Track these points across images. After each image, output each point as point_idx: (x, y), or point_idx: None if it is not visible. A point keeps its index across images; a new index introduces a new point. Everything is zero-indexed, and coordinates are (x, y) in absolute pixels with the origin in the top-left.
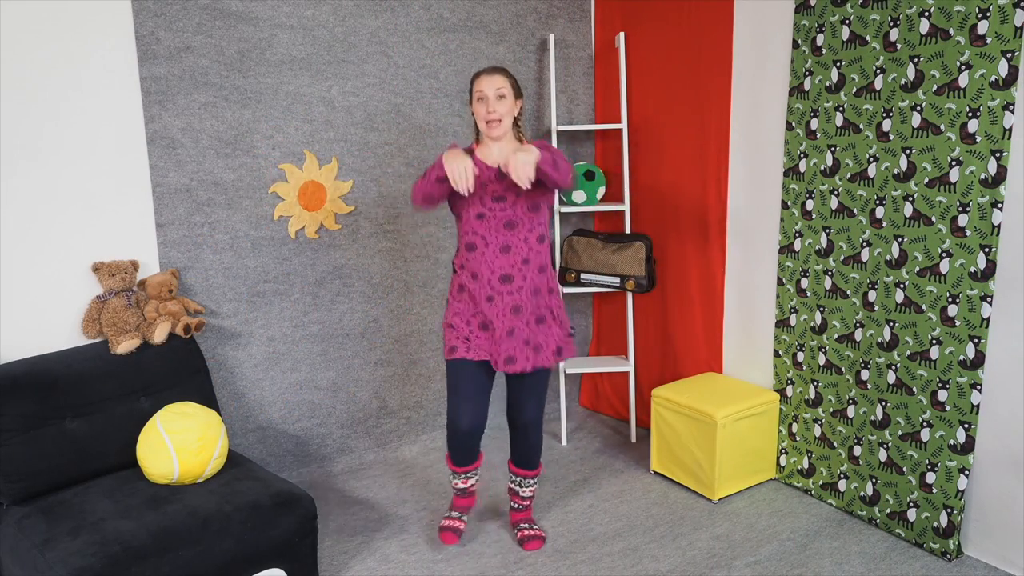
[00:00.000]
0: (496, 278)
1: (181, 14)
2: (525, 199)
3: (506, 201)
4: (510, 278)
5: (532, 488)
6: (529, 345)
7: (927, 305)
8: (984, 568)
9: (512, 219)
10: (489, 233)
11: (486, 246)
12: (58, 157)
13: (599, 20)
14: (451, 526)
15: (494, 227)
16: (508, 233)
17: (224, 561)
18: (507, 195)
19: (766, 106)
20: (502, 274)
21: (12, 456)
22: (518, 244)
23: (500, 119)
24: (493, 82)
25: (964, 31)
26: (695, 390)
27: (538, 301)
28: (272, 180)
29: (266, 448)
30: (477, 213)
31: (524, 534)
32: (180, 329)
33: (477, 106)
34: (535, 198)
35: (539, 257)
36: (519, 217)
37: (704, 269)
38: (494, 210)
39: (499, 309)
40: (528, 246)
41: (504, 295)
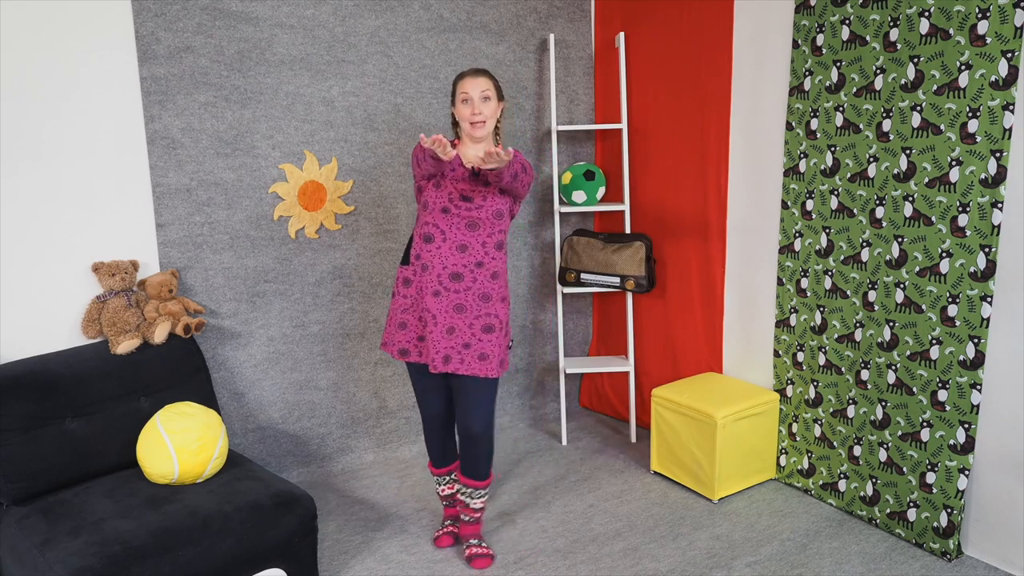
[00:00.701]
0: (447, 274)
1: (181, 14)
2: (491, 203)
3: (472, 202)
4: (460, 277)
5: (482, 500)
6: (470, 350)
7: (927, 305)
8: (984, 568)
9: (475, 220)
10: (449, 229)
11: (443, 241)
12: (58, 157)
13: (599, 20)
14: (445, 531)
15: (455, 224)
16: (468, 233)
17: (224, 561)
18: (474, 196)
19: (766, 106)
20: (453, 272)
21: (12, 456)
22: (475, 246)
23: (484, 120)
24: (478, 84)
25: (964, 31)
26: (695, 390)
27: (486, 308)
28: (272, 180)
29: (266, 448)
30: (442, 207)
31: (472, 552)
32: (180, 329)
33: (461, 107)
34: (500, 205)
35: (494, 264)
36: (482, 219)
37: (704, 269)
38: (460, 208)
39: (443, 305)
40: (485, 250)
41: (451, 292)
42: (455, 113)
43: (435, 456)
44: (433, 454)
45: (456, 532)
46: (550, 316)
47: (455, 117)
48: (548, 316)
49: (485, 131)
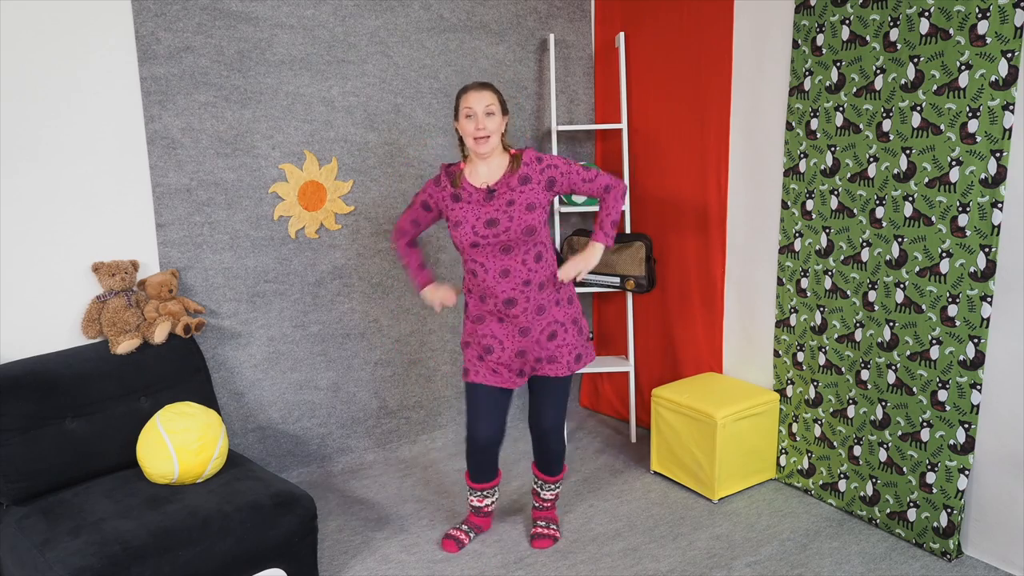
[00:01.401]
0: (501, 302)
1: (181, 14)
2: (517, 223)
3: (499, 226)
4: (513, 301)
5: (553, 492)
6: (541, 362)
7: (927, 305)
8: (984, 568)
9: (507, 243)
10: (487, 259)
11: (486, 272)
12: (58, 157)
13: (599, 20)
14: (455, 536)
15: (490, 253)
16: (505, 258)
17: (224, 561)
18: (499, 218)
19: (766, 106)
20: (506, 298)
21: (12, 456)
22: (516, 267)
23: (489, 136)
24: (482, 99)
25: (964, 31)
26: (695, 390)
27: (545, 319)
28: (272, 180)
29: (266, 448)
30: (471, 242)
31: (537, 531)
32: (180, 329)
33: (465, 123)
34: (529, 220)
35: (539, 276)
36: (513, 241)
37: (704, 269)
38: (487, 237)
39: (509, 330)
40: (527, 268)
41: (511, 318)
42: (458, 128)
43: (477, 474)
44: (475, 473)
45: (466, 543)
46: None
47: (459, 132)
48: None
49: (489, 147)
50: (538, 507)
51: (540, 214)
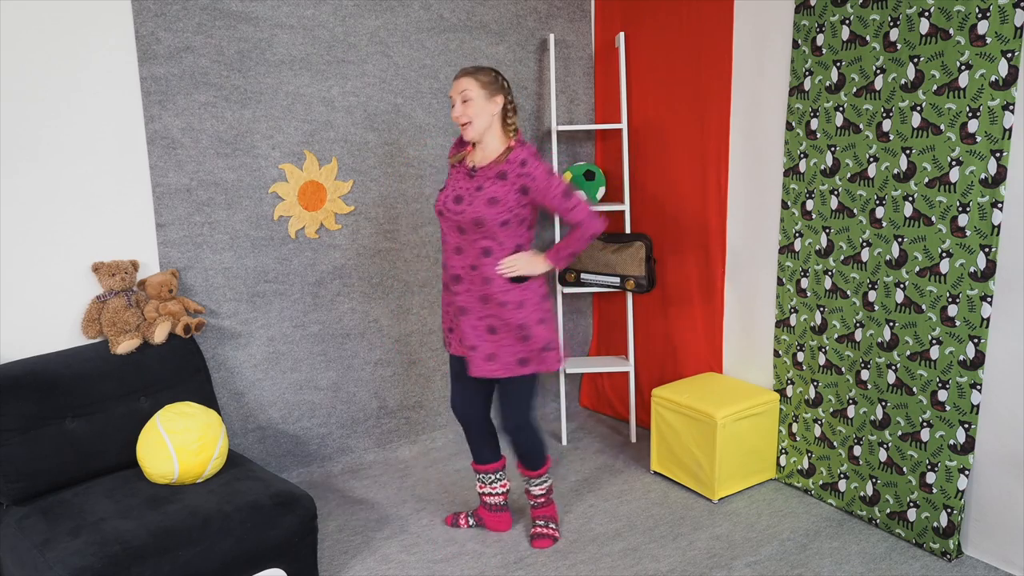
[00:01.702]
0: (450, 275)
1: (181, 14)
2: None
3: (460, 204)
4: (459, 279)
5: (541, 486)
6: (477, 352)
7: (927, 305)
8: (984, 568)
9: (460, 224)
10: (447, 232)
11: (446, 244)
12: (58, 157)
13: (599, 20)
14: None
15: (449, 228)
16: (459, 236)
17: (224, 561)
18: (464, 197)
19: (766, 106)
20: (454, 274)
21: (12, 456)
22: (468, 248)
23: (469, 122)
24: (458, 85)
25: (964, 31)
26: (695, 390)
27: (487, 310)
28: (272, 180)
29: (266, 448)
30: (438, 209)
31: (536, 531)
32: (180, 329)
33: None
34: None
35: (486, 269)
36: (465, 225)
37: (704, 269)
38: (451, 211)
39: (454, 307)
40: (475, 252)
41: (458, 294)
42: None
43: (474, 452)
44: (473, 450)
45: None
46: None
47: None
48: None
49: (474, 131)
50: (533, 504)
51: (501, 212)
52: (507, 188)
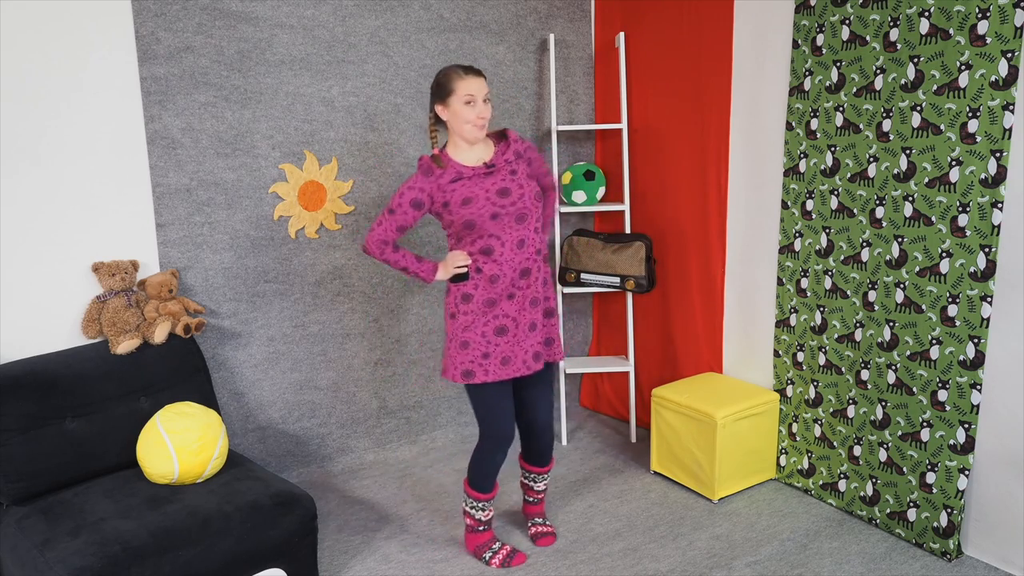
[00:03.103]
0: (516, 274)
1: (181, 14)
2: (528, 188)
3: (511, 195)
4: (528, 272)
5: (546, 482)
6: (543, 342)
7: (927, 305)
8: (984, 568)
9: (522, 211)
10: (503, 231)
11: (503, 246)
12: (58, 157)
13: (599, 20)
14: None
15: (507, 224)
16: (520, 227)
17: (224, 561)
18: (510, 187)
19: (766, 106)
20: (522, 268)
21: (12, 456)
22: (530, 236)
23: (486, 123)
24: (483, 86)
25: (964, 31)
26: (695, 390)
27: (547, 291)
28: (272, 180)
29: (266, 448)
30: (492, 213)
31: (538, 530)
32: (180, 329)
33: (465, 109)
34: (535, 187)
35: (542, 246)
36: (528, 208)
37: (704, 269)
38: (504, 206)
39: (520, 304)
40: (538, 236)
41: (524, 289)
42: (444, 112)
43: (490, 481)
44: (490, 479)
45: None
46: None
47: (439, 115)
48: None
49: (484, 131)
50: (532, 501)
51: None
52: (525, 163)
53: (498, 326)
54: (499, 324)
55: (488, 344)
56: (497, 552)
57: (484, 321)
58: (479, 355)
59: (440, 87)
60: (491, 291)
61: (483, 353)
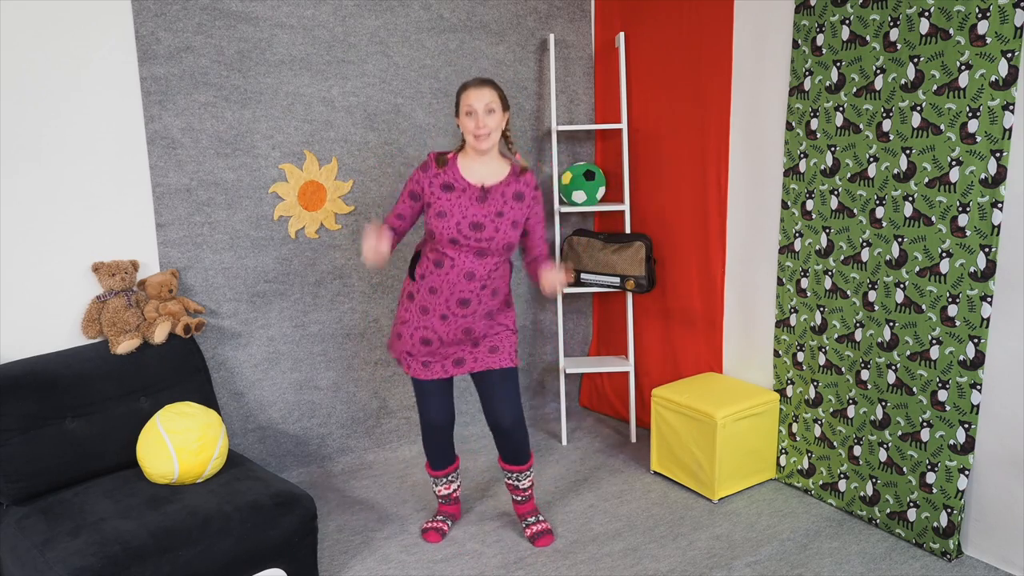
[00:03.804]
0: (455, 300)
1: (181, 14)
2: (503, 237)
3: (483, 232)
4: (467, 302)
5: (530, 479)
6: (479, 348)
7: (927, 305)
8: (984, 568)
9: (484, 250)
10: (458, 256)
11: (451, 267)
12: (58, 157)
13: (599, 20)
14: (435, 527)
15: (464, 252)
16: (477, 260)
17: (224, 561)
18: (486, 224)
19: (766, 106)
20: (461, 298)
21: (12, 456)
22: (481, 273)
23: (489, 133)
24: (482, 96)
25: (964, 31)
26: (695, 390)
27: (490, 323)
28: (272, 180)
29: (266, 448)
30: (450, 238)
31: (533, 530)
32: (180, 329)
33: (465, 120)
34: (512, 238)
35: (495, 282)
36: (492, 249)
37: (704, 269)
38: (469, 239)
39: (451, 328)
40: (489, 273)
41: (459, 317)
42: (459, 124)
43: (434, 460)
44: (432, 458)
45: (446, 531)
46: (550, 316)
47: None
48: (548, 316)
49: (490, 143)
50: (520, 500)
51: (519, 233)
52: (524, 209)
53: (423, 337)
54: (424, 336)
55: (413, 346)
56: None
57: (414, 327)
58: (405, 352)
59: (456, 103)
60: (428, 300)
61: (408, 352)
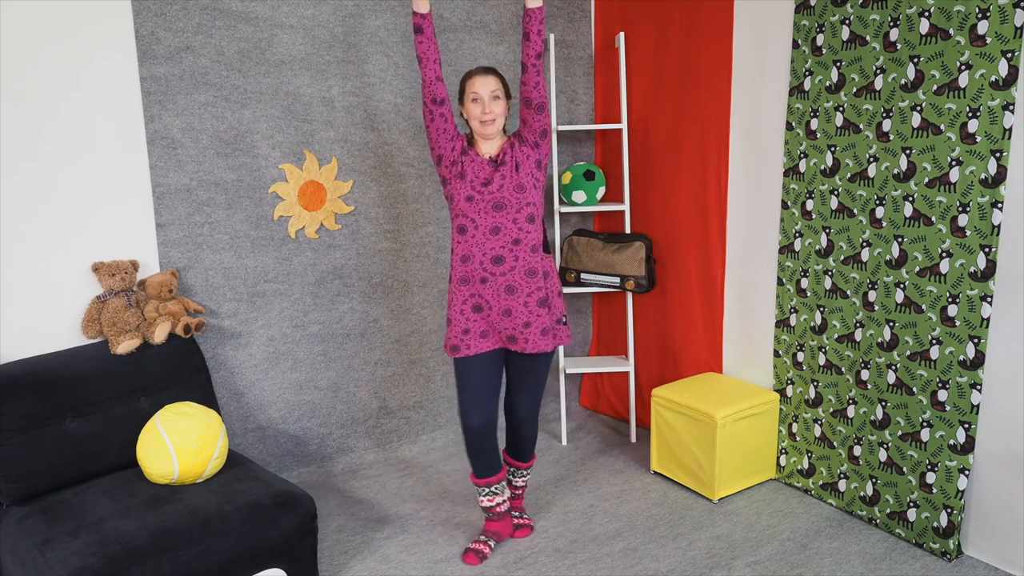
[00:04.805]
0: (488, 259)
1: (181, 14)
2: (510, 181)
3: (492, 184)
4: (501, 259)
5: (525, 478)
6: (531, 328)
7: (927, 305)
8: (984, 568)
9: (500, 200)
10: (478, 215)
11: (475, 228)
12: (58, 157)
13: (599, 20)
14: (476, 548)
15: (482, 209)
16: (497, 215)
17: (224, 561)
18: (493, 178)
19: (766, 106)
20: (494, 256)
21: (12, 456)
22: (507, 225)
23: (495, 119)
24: (488, 83)
25: (964, 31)
26: (695, 390)
27: (535, 283)
28: (272, 180)
29: (266, 448)
30: (466, 196)
31: (515, 522)
32: (180, 329)
33: (471, 106)
34: (521, 179)
35: (530, 237)
36: (506, 198)
37: (704, 269)
38: (482, 192)
39: (493, 289)
40: (517, 227)
41: (497, 276)
42: (463, 112)
43: (479, 467)
44: (477, 465)
45: (487, 554)
46: None
47: (463, 115)
48: None
49: (495, 128)
50: (512, 496)
51: (527, 176)
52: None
53: (474, 304)
54: (475, 303)
55: (467, 320)
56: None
57: (462, 299)
58: (460, 331)
59: (460, 90)
60: (464, 269)
61: (463, 329)
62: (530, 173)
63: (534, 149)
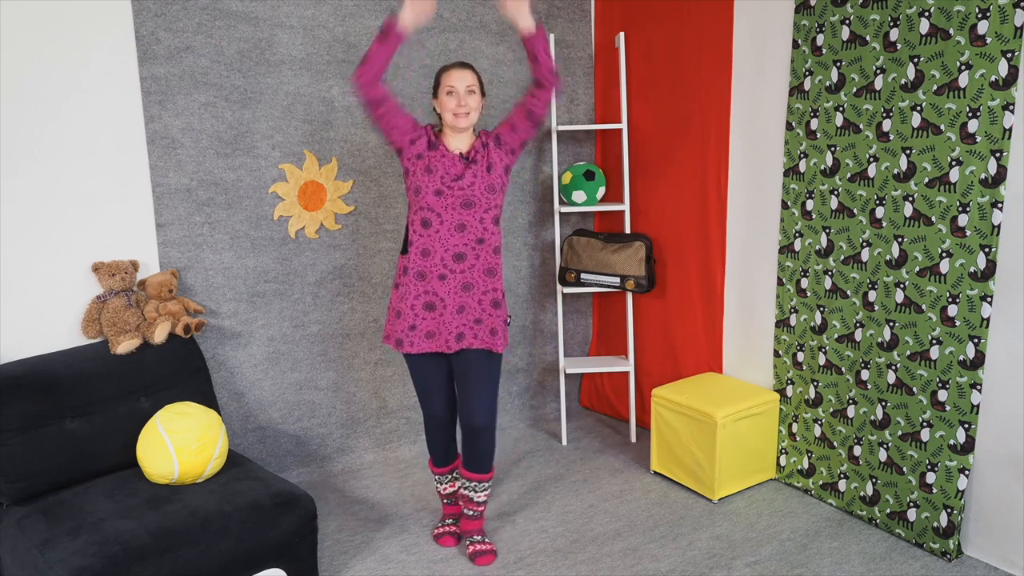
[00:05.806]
0: (450, 256)
1: (181, 14)
2: (481, 180)
3: (463, 180)
4: (463, 256)
5: (486, 492)
6: (483, 325)
7: (927, 305)
8: (984, 568)
9: (469, 198)
10: (445, 211)
11: (441, 223)
12: (58, 157)
13: (599, 20)
14: (446, 531)
15: (450, 205)
16: (464, 212)
17: (224, 561)
18: (465, 174)
19: (766, 106)
20: (456, 252)
21: (12, 456)
22: (473, 223)
23: (468, 112)
24: (464, 77)
25: (964, 31)
26: (695, 390)
27: (492, 283)
28: (272, 180)
29: (266, 448)
30: (435, 189)
31: (475, 548)
32: (180, 329)
33: (446, 99)
34: (491, 179)
35: (494, 239)
36: (475, 197)
37: (704, 269)
38: (452, 188)
39: (450, 287)
40: (483, 226)
41: (456, 273)
42: (436, 105)
43: (437, 455)
44: (435, 453)
45: (458, 531)
46: (550, 316)
47: (436, 109)
48: (548, 316)
49: (469, 122)
50: (470, 515)
51: (498, 178)
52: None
53: (427, 301)
54: (427, 300)
55: (416, 317)
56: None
57: (415, 294)
58: (407, 327)
59: (434, 84)
60: (422, 264)
61: (410, 325)
62: (500, 176)
63: (510, 155)
